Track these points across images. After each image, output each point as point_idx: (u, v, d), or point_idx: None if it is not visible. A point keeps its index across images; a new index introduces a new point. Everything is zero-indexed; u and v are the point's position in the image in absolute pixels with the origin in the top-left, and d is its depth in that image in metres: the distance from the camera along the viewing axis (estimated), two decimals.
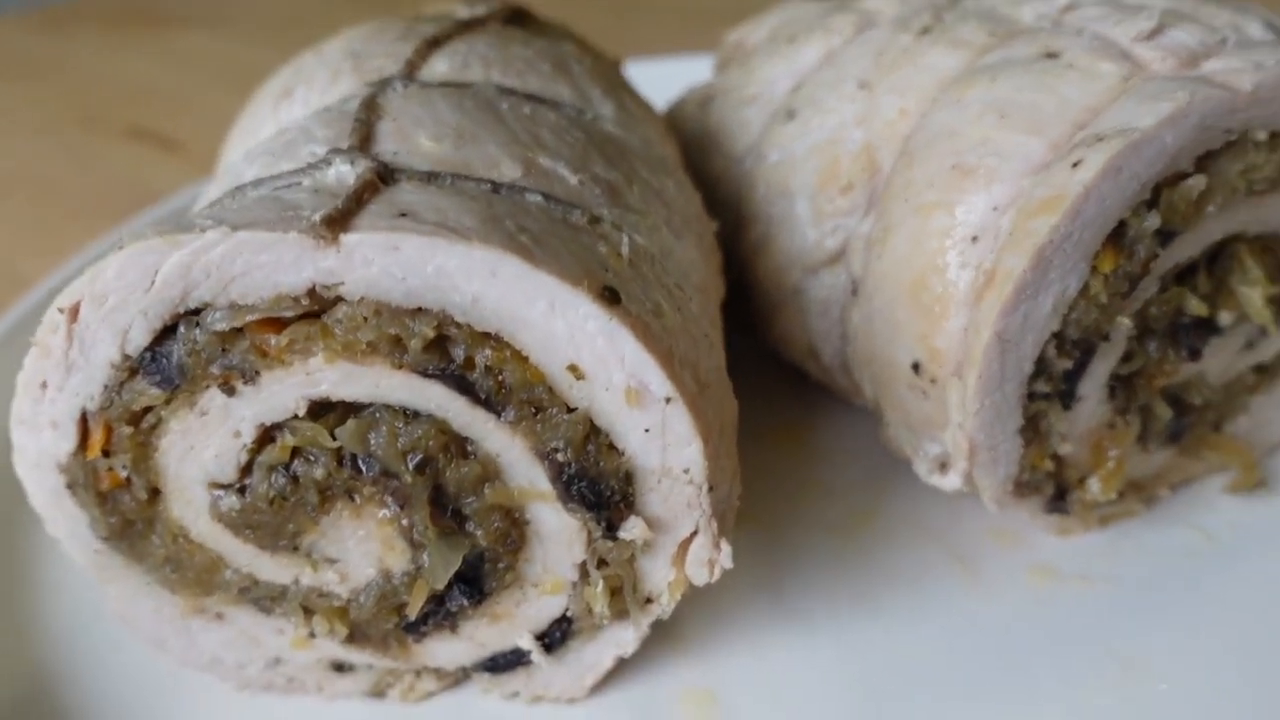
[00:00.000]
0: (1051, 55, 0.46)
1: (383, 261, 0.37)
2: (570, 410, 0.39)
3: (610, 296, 0.38)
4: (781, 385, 0.61)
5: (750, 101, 0.61)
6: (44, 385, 0.40)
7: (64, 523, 0.43)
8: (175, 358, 0.39)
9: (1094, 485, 0.49)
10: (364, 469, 0.40)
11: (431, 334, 0.38)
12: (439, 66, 0.51)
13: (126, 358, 0.39)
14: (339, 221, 0.37)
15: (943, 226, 0.45)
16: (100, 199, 1.04)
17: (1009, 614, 0.48)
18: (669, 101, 0.78)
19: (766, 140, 0.57)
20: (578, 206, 0.42)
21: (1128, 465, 0.50)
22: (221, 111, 1.23)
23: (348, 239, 0.37)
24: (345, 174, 0.40)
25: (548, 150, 0.45)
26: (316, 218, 0.36)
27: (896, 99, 0.51)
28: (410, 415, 0.40)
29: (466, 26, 0.56)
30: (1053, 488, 0.49)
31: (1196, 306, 0.46)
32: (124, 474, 0.41)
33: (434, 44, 0.53)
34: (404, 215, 0.37)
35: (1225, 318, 0.47)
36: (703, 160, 0.63)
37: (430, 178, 0.41)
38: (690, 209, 0.50)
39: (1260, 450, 0.53)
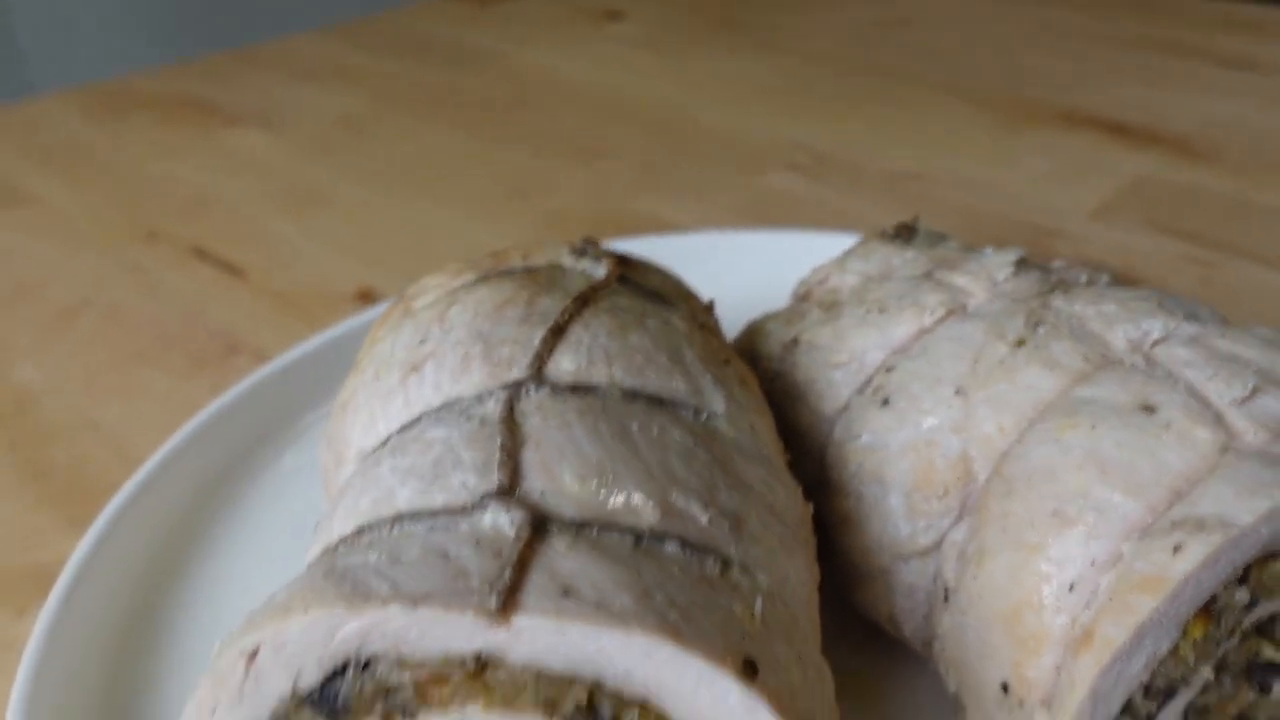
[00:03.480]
0: (1148, 409, 0.50)
1: (548, 640, 0.40)
2: None
3: (749, 670, 0.41)
4: (857, 631, 0.65)
5: (840, 366, 0.64)
6: (213, 710, 0.43)
7: None
8: (342, 696, 0.42)
9: None
10: None
11: (585, 698, 0.41)
12: (565, 364, 0.54)
13: (296, 692, 0.43)
14: (510, 602, 0.40)
15: (1041, 570, 0.48)
16: (170, 332, 1.07)
17: None
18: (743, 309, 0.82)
19: (858, 419, 0.61)
20: (711, 552, 0.46)
21: None
22: (280, 238, 1.27)
23: (518, 620, 0.40)
24: (503, 524, 0.44)
25: (679, 484, 0.48)
26: (491, 603, 0.40)
27: (993, 414, 0.55)
28: None
29: (584, 302, 0.59)
30: None
31: (1271, 654, 0.49)
32: None
33: (558, 332, 0.56)
34: (567, 594, 0.41)
35: None
36: (789, 407, 0.67)
37: (579, 530, 0.44)
38: (793, 509, 0.54)
39: None
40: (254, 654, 0.42)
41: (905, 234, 0.75)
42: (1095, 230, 1.18)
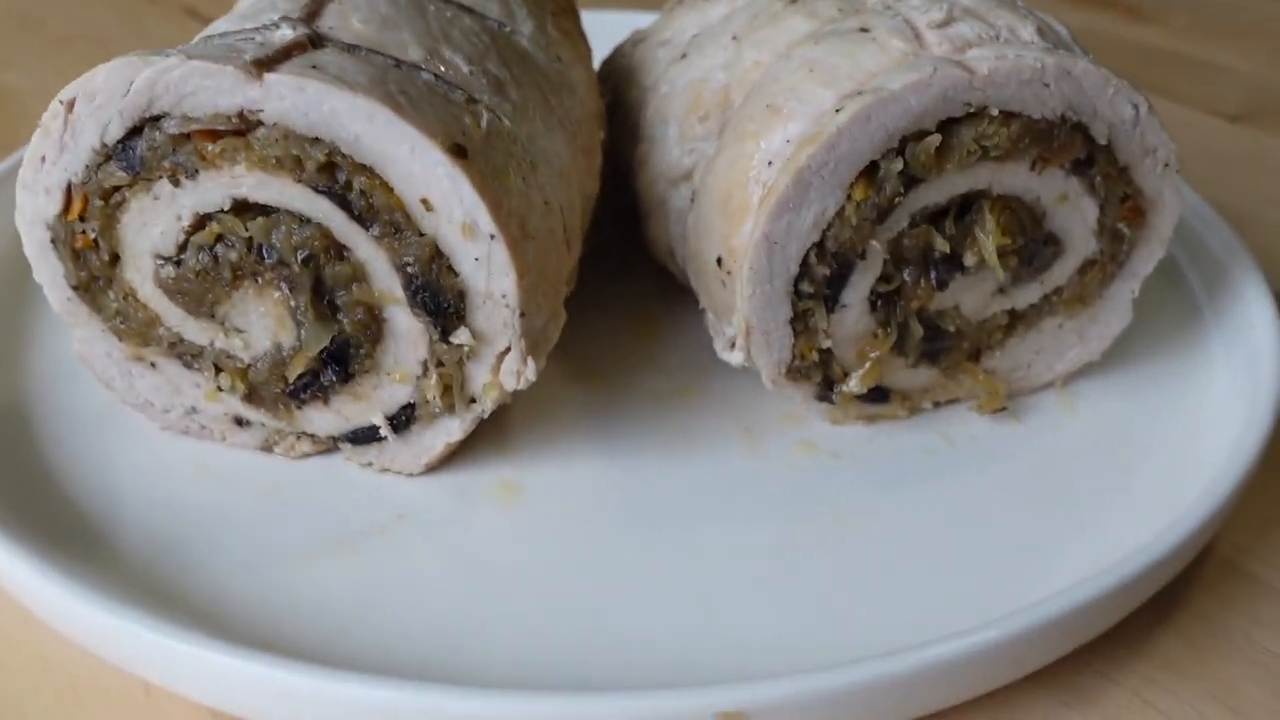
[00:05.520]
0: (864, 30, 0.58)
1: (293, 98, 0.50)
2: (421, 234, 0.52)
3: (458, 151, 0.51)
4: (652, 286, 0.74)
5: (664, 44, 0.73)
6: (43, 159, 0.54)
7: (46, 271, 0.57)
8: (139, 151, 0.52)
9: (853, 381, 0.61)
10: (266, 256, 0.54)
11: (323, 159, 0.51)
12: None
13: (104, 146, 0.53)
14: (265, 64, 0.50)
15: (750, 152, 0.57)
16: None
17: (767, 470, 0.60)
18: None
19: (663, 76, 0.69)
20: (461, 89, 0.55)
21: (896, 377, 0.62)
22: None
23: (269, 77, 0.49)
24: (285, 35, 0.53)
25: (452, 45, 0.57)
26: (248, 58, 0.49)
27: (754, 51, 0.63)
28: (304, 220, 0.53)
29: None
30: (821, 378, 0.61)
31: (941, 244, 0.57)
32: (93, 237, 0.55)
33: None
34: (314, 68, 0.50)
35: (969, 258, 0.58)
36: (626, 89, 0.75)
37: (349, 48, 0.54)
38: (575, 114, 0.63)
39: (1012, 389, 0.65)
40: (72, 104, 0.52)
41: None
42: None
